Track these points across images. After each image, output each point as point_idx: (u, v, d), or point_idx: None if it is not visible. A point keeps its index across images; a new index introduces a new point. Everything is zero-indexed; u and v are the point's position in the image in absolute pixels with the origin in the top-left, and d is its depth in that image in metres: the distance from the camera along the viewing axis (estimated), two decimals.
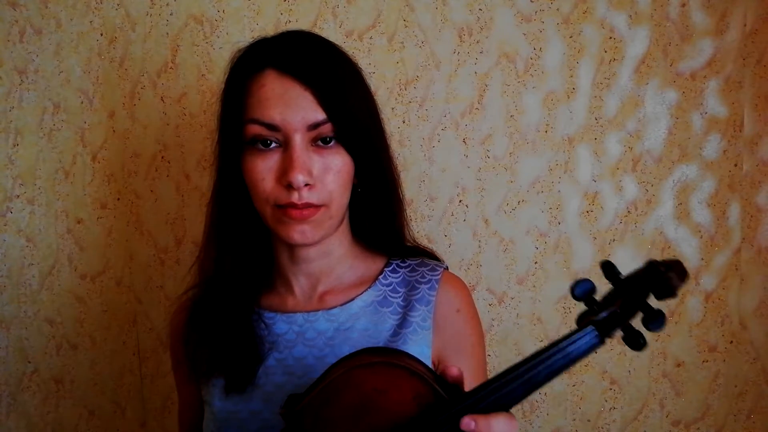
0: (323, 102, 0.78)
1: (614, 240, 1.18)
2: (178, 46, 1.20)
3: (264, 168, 0.79)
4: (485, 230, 1.19)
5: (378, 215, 0.89)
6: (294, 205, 0.78)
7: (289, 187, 0.77)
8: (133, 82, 1.22)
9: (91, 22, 1.21)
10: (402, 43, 1.17)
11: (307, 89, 0.78)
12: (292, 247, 0.86)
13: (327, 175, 0.79)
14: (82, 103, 1.22)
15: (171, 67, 1.20)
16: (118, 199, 1.23)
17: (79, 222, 1.24)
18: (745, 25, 1.14)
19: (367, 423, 0.65)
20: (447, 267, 0.90)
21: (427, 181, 1.19)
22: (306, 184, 0.77)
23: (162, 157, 1.22)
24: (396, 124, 1.18)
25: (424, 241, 1.19)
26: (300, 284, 0.88)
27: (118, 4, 1.20)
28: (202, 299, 0.89)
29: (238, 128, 0.80)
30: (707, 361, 1.19)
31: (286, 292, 0.88)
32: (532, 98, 1.17)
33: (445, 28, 1.17)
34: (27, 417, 1.27)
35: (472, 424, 0.61)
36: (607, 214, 1.18)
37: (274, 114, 0.77)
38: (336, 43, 0.84)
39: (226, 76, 0.84)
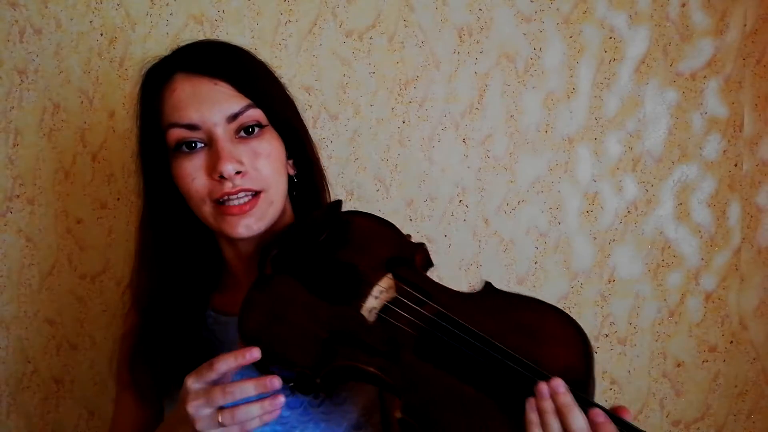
0: (243, 89, 0.79)
1: (614, 240, 1.18)
2: (178, 46, 1.20)
3: (193, 168, 0.79)
4: (485, 230, 1.19)
5: (310, 195, 0.90)
6: (229, 196, 0.78)
7: (221, 179, 0.77)
8: (133, 82, 1.21)
9: (91, 22, 1.21)
10: (402, 43, 1.17)
11: (219, 82, 0.79)
12: (236, 244, 0.86)
13: (258, 161, 0.79)
14: (82, 103, 1.22)
15: None
16: (118, 199, 1.23)
17: (79, 222, 1.24)
18: (745, 25, 1.14)
19: (530, 345, 0.69)
20: None
21: (427, 181, 1.19)
22: (237, 172, 0.78)
23: None
24: (396, 124, 1.18)
25: (423, 242, 1.19)
26: (251, 281, 0.87)
27: (118, 4, 1.20)
28: (151, 318, 0.88)
29: (159, 137, 0.81)
30: (707, 361, 1.19)
31: (239, 291, 0.87)
32: (532, 98, 1.17)
33: (445, 28, 1.17)
34: (27, 417, 1.27)
35: (601, 417, 0.63)
36: (607, 214, 1.18)
37: (191, 113, 0.78)
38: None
39: (138, 93, 0.86)
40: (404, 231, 1.03)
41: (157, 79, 0.83)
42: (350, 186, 1.19)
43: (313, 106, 1.18)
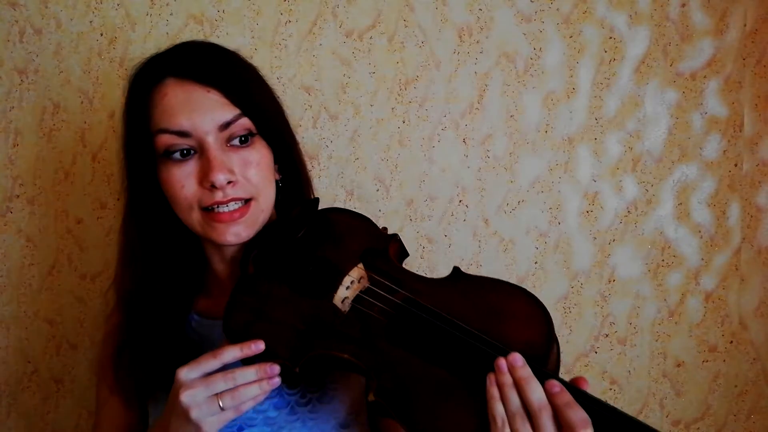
0: (233, 99, 0.79)
1: (614, 240, 1.18)
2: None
3: (182, 175, 0.79)
4: (485, 230, 1.19)
5: (294, 200, 0.90)
6: (219, 204, 0.78)
7: (212, 188, 0.77)
8: None
9: (91, 22, 1.21)
10: (402, 43, 1.17)
11: (211, 90, 0.78)
12: (222, 248, 0.86)
13: (248, 170, 0.80)
14: (82, 103, 1.22)
15: None
16: (118, 199, 1.23)
17: (79, 222, 1.24)
18: (745, 25, 1.14)
19: (494, 325, 0.72)
20: None
21: (427, 181, 1.19)
22: (228, 182, 0.78)
23: None
24: (396, 124, 1.18)
25: (424, 242, 1.19)
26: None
27: (118, 4, 1.20)
28: (134, 318, 0.88)
29: (147, 142, 0.80)
30: (707, 361, 1.19)
31: (223, 294, 0.86)
32: (532, 98, 1.17)
33: (445, 28, 1.17)
34: (27, 417, 1.27)
35: (557, 387, 0.65)
36: (607, 214, 1.18)
37: (182, 120, 0.77)
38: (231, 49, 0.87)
39: (126, 94, 0.84)
40: (405, 231, 1.04)
41: (147, 82, 0.81)
42: (350, 186, 1.19)
43: (313, 106, 1.18)
